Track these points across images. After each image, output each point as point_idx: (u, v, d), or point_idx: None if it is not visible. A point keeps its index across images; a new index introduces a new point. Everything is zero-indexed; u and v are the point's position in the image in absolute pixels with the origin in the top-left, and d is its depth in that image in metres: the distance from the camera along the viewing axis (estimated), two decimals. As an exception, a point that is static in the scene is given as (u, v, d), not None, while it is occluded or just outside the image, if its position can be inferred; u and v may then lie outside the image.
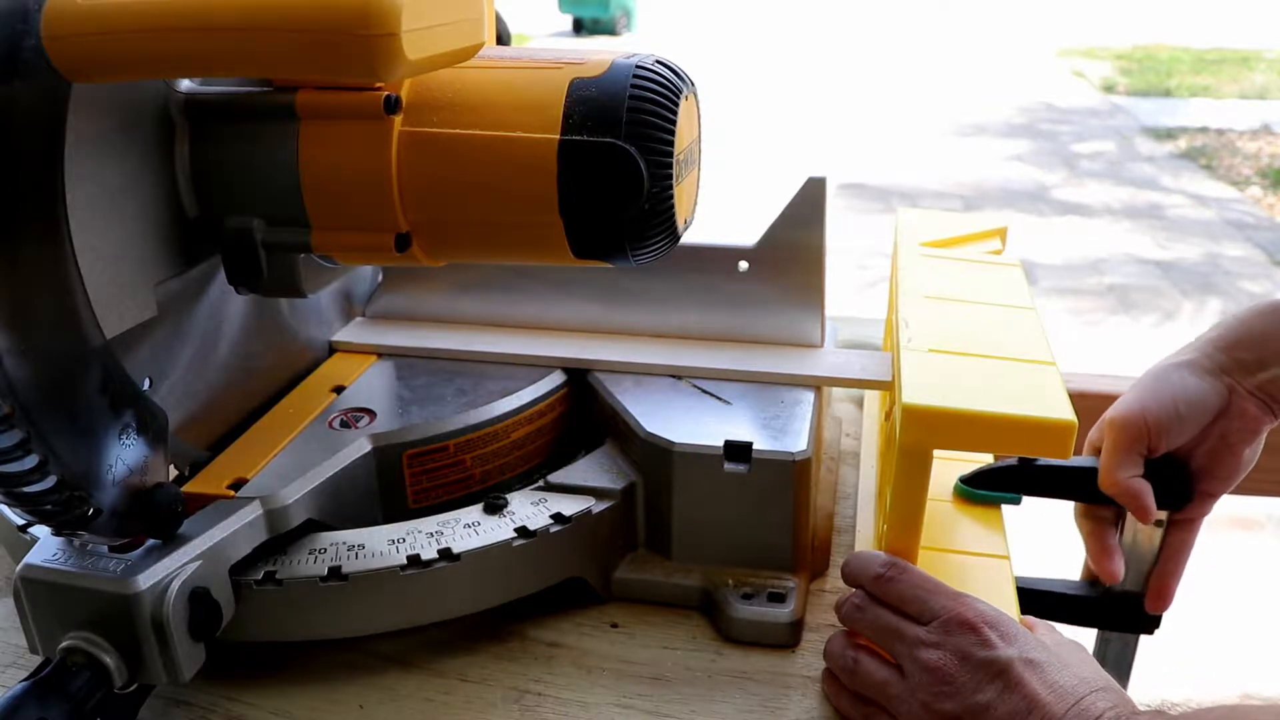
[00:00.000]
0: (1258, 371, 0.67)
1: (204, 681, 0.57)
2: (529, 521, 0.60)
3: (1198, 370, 0.68)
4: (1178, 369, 0.69)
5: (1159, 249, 4.44)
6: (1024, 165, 5.75)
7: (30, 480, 0.44)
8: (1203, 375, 0.68)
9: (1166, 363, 0.70)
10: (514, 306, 0.77)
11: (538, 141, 0.51)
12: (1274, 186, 5.34)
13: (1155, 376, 0.69)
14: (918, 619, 0.54)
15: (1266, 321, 0.68)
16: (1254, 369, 0.67)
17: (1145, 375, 0.70)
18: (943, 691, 0.51)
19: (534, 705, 0.57)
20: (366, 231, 0.54)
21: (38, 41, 0.42)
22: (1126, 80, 8.19)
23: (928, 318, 0.65)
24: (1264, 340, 0.67)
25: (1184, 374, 0.68)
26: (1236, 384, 0.68)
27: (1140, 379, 0.70)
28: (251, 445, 0.62)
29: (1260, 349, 0.67)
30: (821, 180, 0.69)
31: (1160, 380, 0.68)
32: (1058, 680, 0.50)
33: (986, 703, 0.50)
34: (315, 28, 0.41)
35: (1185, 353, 0.70)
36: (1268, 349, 0.67)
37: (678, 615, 0.64)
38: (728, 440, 0.63)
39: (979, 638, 0.52)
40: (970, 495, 0.72)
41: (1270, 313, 0.68)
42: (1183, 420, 0.67)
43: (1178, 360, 0.69)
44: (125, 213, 0.51)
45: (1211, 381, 0.68)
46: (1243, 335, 0.68)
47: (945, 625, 0.53)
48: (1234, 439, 0.68)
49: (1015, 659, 0.51)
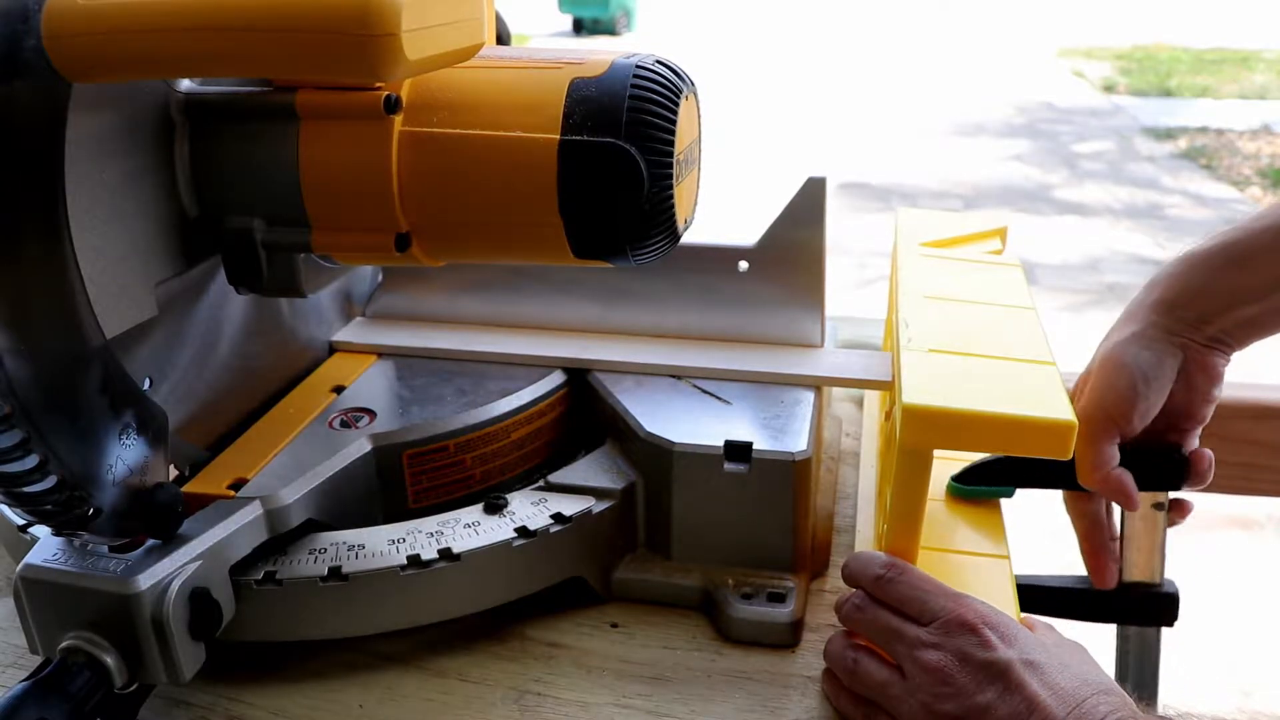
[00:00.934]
0: (1204, 326, 0.66)
1: (204, 681, 0.57)
2: (529, 521, 0.60)
3: (1147, 341, 0.67)
4: (1127, 346, 0.67)
5: (1158, 249, 4.44)
6: (1024, 165, 5.75)
7: (30, 480, 0.44)
8: (1153, 345, 0.66)
9: (1114, 341, 0.68)
10: (514, 306, 0.77)
11: (538, 141, 0.51)
12: (1274, 187, 5.34)
13: (1108, 362, 0.67)
14: (918, 620, 0.54)
15: (1198, 273, 0.67)
16: (1200, 324, 0.66)
17: (1096, 361, 0.69)
18: (943, 693, 0.51)
19: (534, 705, 0.57)
20: (366, 231, 0.54)
21: (38, 41, 0.42)
22: (1126, 80, 8.19)
23: (928, 318, 0.65)
24: (1202, 294, 0.66)
25: (1135, 349, 0.67)
26: (1189, 341, 0.67)
27: (1092, 366, 0.69)
28: (251, 445, 0.62)
29: (1201, 304, 0.66)
30: (821, 180, 0.69)
31: (1114, 365, 0.67)
32: (1058, 682, 0.50)
33: (987, 704, 0.50)
34: (315, 28, 0.41)
35: (1128, 324, 0.69)
36: (1209, 302, 0.66)
37: (678, 615, 0.64)
38: (728, 440, 0.63)
39: (979, 639, 0.52)
40: (962, 493, 0.72)
41: (1200, 263, 0.67)
42: (1147, 398, 0.66)
43: (1124, 335, 0.68)
44: (125, 213, 0.51)
45: (1164, 347, 0.66)
46: (1181, 292, 0.67)
47: (945, 626, 0.53)
48: (1202, 386, 0.68)
49: (1015, 660, 0.51)
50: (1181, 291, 0.67)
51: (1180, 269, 0.68)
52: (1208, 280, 0.67)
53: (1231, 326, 0.67)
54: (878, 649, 0.56)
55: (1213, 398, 0.69)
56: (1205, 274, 0.67)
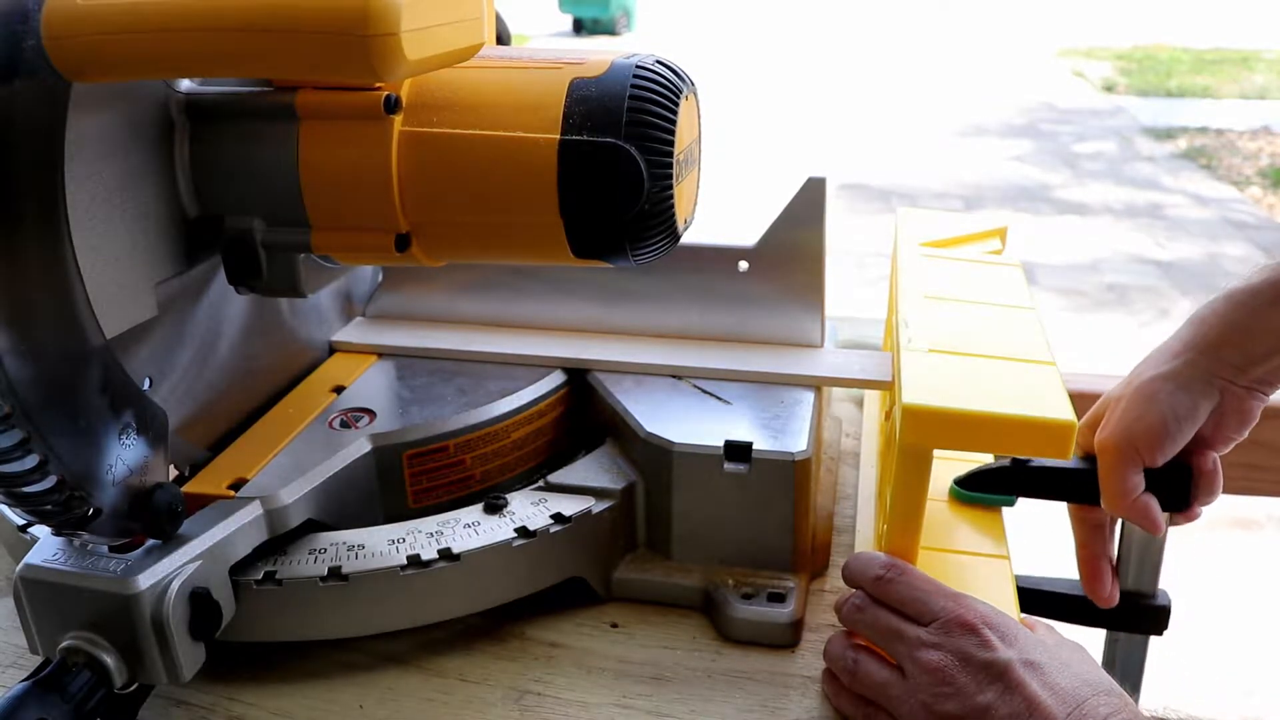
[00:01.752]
0: (1248, 369, 0.65)
1: (204, 681, 0.57)
2: (529, 521, 0.60)
3: (1184, 381, 0.65)
4: (1164, 383, 0.65)
5: (1158, 248, 4.44)
6: (1024, 165, 5.75)
7: (30, 480, 0.44)
8: (1190, 386, 0.65)
9: (1151, 375, 0.66)
10: (514, 306, 0.77)
11: (537, 141, 0.51)
12: (1274, 186, 5.34)
13: (1142, 395, 0.66)
14: (918, 620, 0.54)
15: (1244, 312, 0.65)
16: (1244, 367, 0.64)
17: (1131, 390, 0.67)
18: (943, 693, 0.51)
19: (534, 705, 0.57)
20: (366, 231, 0.54)
21: (38, 41, 0.42)
22: (1126, 80, 8.19)
23: (928, 318, 0.65)
24: (1248, 335, 0.64)
25: (1171, 388, 0.65)
26: (1229, 384, 0.65)
27: (1125, 392, 0.67)
28: (251, 445, 0.62)
29: (1246, 346, 0.64)
30: (821, 180, 0.69)
31: (1147, 399, 0.65)
32: (1058, 682, 0.50)
33: (987, 704, 0.50)
34: (315, 28, 0.41)
35: (1167, 360, 0.67)
36: (1254, 344, 0.64)
37: (678, 615, 0.64)
38: (728, 440, 0.63)
39: (979, 639, 0.52)
40: (965, 497, 0.71)
41: (1245, 301, 0.65)
42: (1176, 439, 0.65)
43: (1163, 370, 0.66)
44: (125, 213, 0.51)
45: (1201, 389, 0.65)
46: (1225, 332, 0.65)
47: (945, 626, 0.53)
48: (1232, 426, 0.67)
49: (1015, 661, 0.51)
50: (1226, 331, 0.65)
51: (1225, 307, 0.66)
52: (1254, 320, 0.64)
53: (1277, 369, 0.65)
54: (878, 649, 0.56)
55: (1240, 436, 0.68)
56: (1251, 314, 0.65)
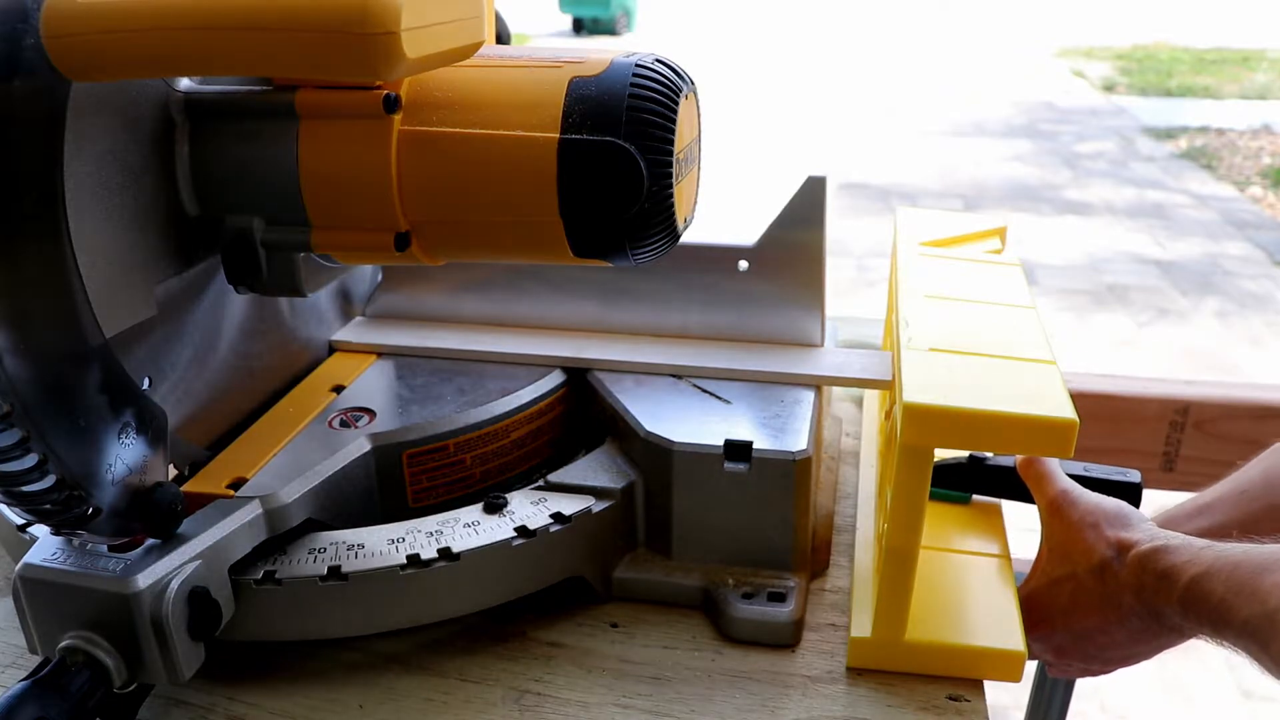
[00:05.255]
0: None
1: (204, 681, 0.57)
2: (529, 521, 0.60)
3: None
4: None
5: (1158, 248, 4.44)
6: (1025, 165, 5.75)
7: (30, 479, 0.44)
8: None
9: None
10: (514, 306, 0.77)
11: (537, 140, 0.51)
12: (1274, 186, 5.34)
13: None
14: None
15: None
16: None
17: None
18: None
19: (534, 705, 0.57)
20: (366, 231, 0.54)
21: (37, 40, 0.42)
22: (1127, 80, 8.19)
23: (928, 317, 0.65)
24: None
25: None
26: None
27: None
28: (251, 444, 0.62)
29: None
30: (821, 180, 0.69)
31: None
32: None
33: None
34: (315, 27, 0.41)
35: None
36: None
37: (678, 615, 0.64)
38: (728, 440, 0.63)
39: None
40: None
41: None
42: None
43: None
44: (125, 212, 0.51)
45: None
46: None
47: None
48: None
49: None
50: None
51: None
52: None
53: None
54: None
55: None
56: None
